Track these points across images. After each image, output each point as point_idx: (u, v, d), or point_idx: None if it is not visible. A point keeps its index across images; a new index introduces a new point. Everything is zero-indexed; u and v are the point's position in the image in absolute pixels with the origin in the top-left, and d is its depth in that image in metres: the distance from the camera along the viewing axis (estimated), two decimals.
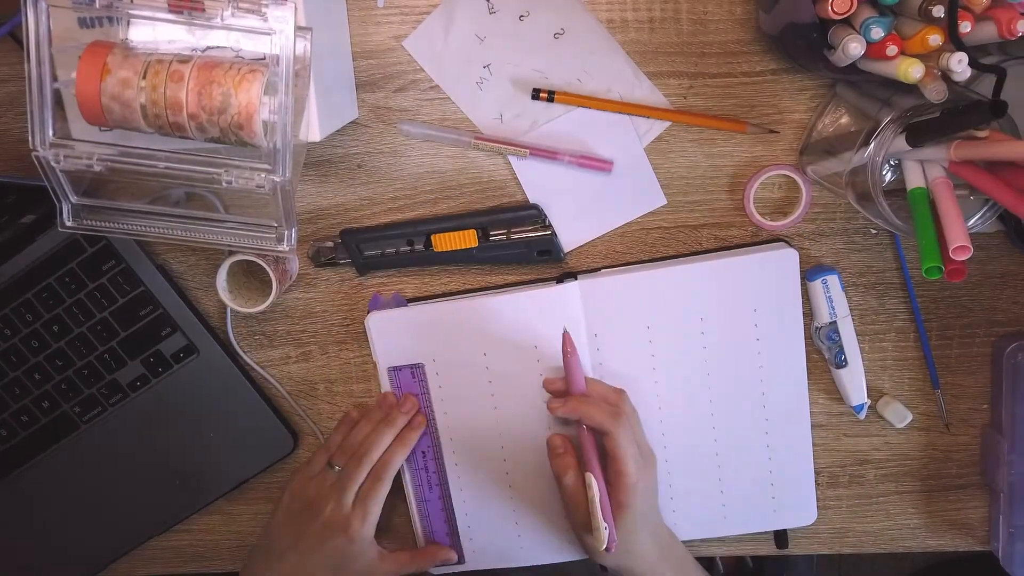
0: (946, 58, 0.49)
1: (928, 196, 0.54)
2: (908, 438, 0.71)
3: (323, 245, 0.67)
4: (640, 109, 0.64)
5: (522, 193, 0.66)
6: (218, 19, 0.50)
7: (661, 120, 0.64)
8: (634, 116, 0.64)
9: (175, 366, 0.68)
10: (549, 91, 0.63)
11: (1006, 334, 0.68)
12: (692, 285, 0.65)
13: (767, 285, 0.65)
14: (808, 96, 0.64)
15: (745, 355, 0.66)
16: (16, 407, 0.68)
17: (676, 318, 0.66)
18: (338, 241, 0.67)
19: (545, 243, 0.66)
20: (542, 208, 0.65)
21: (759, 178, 0.65)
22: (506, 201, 0.67)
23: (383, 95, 0.65)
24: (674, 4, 0.63)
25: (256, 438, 0.70)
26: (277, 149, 0.51)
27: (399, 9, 0.63)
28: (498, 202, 0.67)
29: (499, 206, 0.66)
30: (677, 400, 0.67)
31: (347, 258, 0.67)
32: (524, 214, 0.65)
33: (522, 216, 0.65)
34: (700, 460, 0.68)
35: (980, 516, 0.72)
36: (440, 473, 0.70)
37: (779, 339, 0.66)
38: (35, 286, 0.66)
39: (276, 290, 0.63)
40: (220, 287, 0.64)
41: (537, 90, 0.63)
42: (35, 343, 0.67)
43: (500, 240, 0.66)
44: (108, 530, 0.71)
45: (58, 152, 0.52)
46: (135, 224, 0.58)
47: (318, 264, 0.68)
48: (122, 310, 0.67)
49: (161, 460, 0.70)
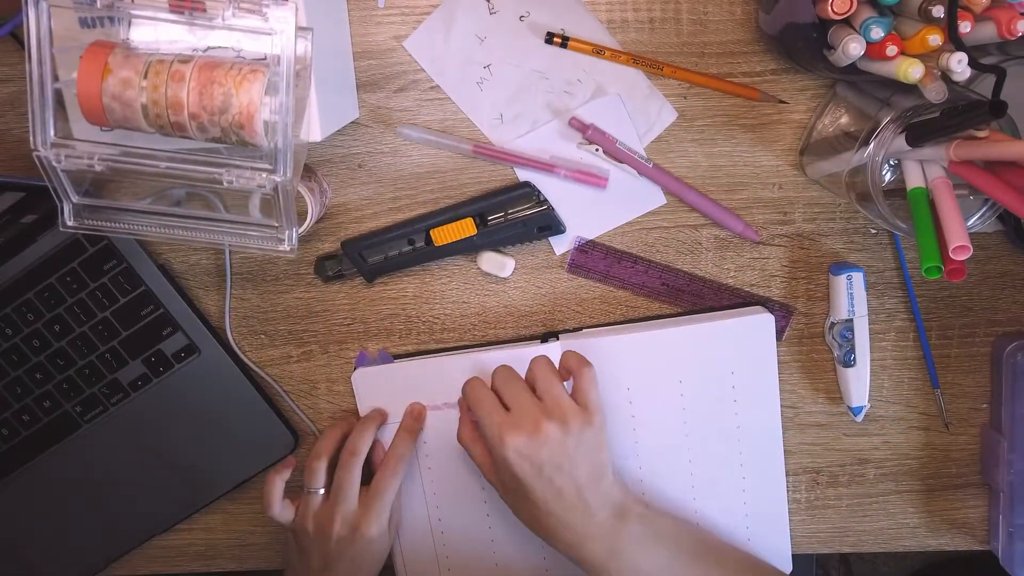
0: (946, 58, 0.49)
1: (928, 196, 0.54)
2: (908, 438, 0.71)
3: (326, 260, 0.67)
4: (652, 65, 0.63)
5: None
6: (219, 19, 0.50)
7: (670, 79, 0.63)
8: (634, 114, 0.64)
9: (176, 366, 0.68)
10: (563, 36, 0.62)
11: (1006, 334, 0.68)
12: (671, 349, 0.66)
13: (744, 349, 0.66)
14: (808, 96, 0.64)
15: (723, 417, 0.67)
16: (17, 406, 0.68)
17: (655, 381, 0.67)
18: (340, 253, 0.67)
19: (544, 219, 0.65)
20: (534, 185, 0.65)
21: None
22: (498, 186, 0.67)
23: (384, 95, 0.65)
24: (674, 4, 0.63)
25: (257, 437, 0.70)
26: (278, 149, 0.51)
27: (400, 9, 0.63)
28: None
29: (491, 191, 0.66)
30: (657, 459, 0.68)
31: (353, 268, 0.67)
32: (518, 193, 0.65)
33: (516, 196, 0.65)
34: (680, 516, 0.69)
35: (980, 515, 0.72)
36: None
37: (755, 401, 0.67)
38: (36, 286, 0.66)
39: (312, 214, 0.62)
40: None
41: (551, 34, 0.62)
42: (36, 343, 0.67)
43: (498, 223, 0.66)
44: (110, 529, 0.71)
45: (59, 152, 0.52)
46: (136, 224, 0.58)
47: (326, 279, 0.68)
48: (123, 310, 0.67)
49: (162, 459, 0.70)
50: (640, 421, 0.68)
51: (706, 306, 0.68)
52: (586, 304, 0.69)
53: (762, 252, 0.67)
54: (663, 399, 0.67)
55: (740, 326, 0.66)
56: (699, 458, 0.68)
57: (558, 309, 0.69)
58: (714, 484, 0.69)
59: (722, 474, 0.68)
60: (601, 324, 0.69)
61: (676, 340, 0.66)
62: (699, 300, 0.68)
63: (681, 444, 0.68)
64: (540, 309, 0.69)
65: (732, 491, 0.69)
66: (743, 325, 0.66)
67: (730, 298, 0.68)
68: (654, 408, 0.67)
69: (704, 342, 0.66)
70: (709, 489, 0.69)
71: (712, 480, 0.68)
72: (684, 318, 0.68)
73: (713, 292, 0.68)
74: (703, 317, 0.67)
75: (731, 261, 0.68)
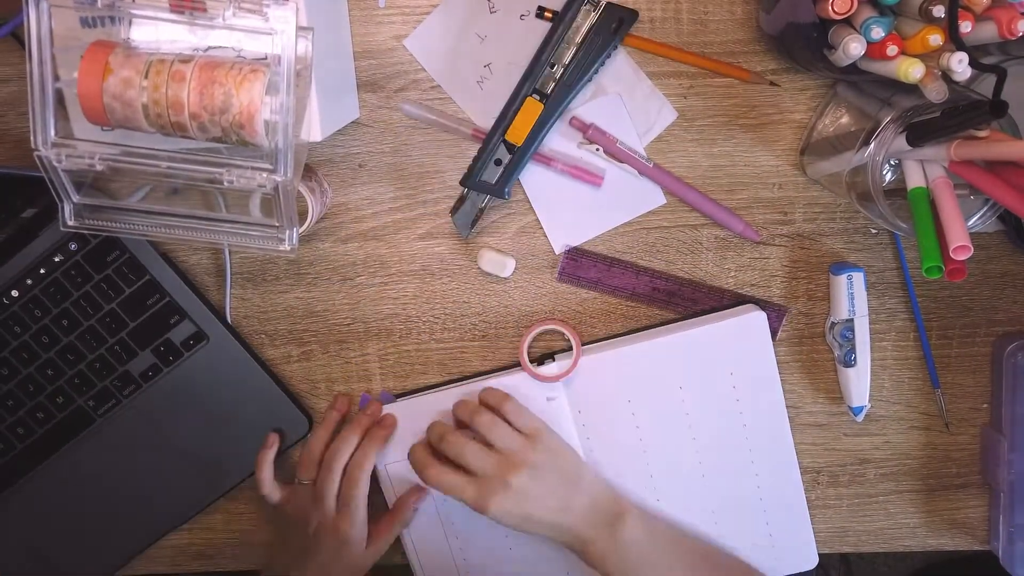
0: (946, 58, 0.49)
1: (928, 196, 0.54)
2: (908, 438, 0.71)
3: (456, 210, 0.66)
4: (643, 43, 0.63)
5: (522, 192, 0.66)
6: (220, 19, 0.50)
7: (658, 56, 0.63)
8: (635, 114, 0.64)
9: (186, 354, 0.68)
10: (554, 11, 0.62)
11: (1006, 334, 0.68)
12: (667, 358, 0.66)
13: (740, 348, 0.66)
14: (808, 96, 0.64)
15: (727, 417, 0.68)
16: (31, 404, 0.68)
17: (655, 390, 0.67)
18: (464, 194, 0.65)
19: (612, 13, 0.60)
20: None
21: (533, 331, 0.68)
22: None
23: (384, 95, 0.65)
24: (674, 4, 0.63)
25: (271, 421, 0.70)
26: (278, 149, 0.51)
27: (400, 9, 0.63)
28: None
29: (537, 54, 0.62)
30: (668, 467, 0.69)
31: (484, 198, 0.65)
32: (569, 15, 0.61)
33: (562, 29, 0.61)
34: (697, 521, 0.70)
35: (980, 515, 0.72)
36: None
37: (758, 397, 0.67)
38: (41, 282, 0.66)
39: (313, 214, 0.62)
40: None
41: (542, 8, 0.62)
42: (45, 339, 0.67)
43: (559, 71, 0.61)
44: (130, 523, 0.71)
45: (60, 152, 0.52)
46: (136, 224, 0.58)
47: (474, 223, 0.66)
48: (129, 300, 0.67)
49: (178, 449, 0.70)
50: (645, 431, 0.68)
51: (699, 309, 0.68)
52: (586, 304, 0.69)
53: (762, 252, 0.67)
54: (666, 407, 0.67)
55: (733, 326, 0.66)
56: (709, 460, 0.68)
57: (558, 309, 0.69)
58: (728, 484, 0.69)
59: (734, 473, 0.68)
60: (595, 340, 0.69)
61: (671, 348, 0.66)
62: (692, 304, 0.68)
63: (690, 448, 0.68)
64: (540, 309, 0.69)
65: (747, 488, 0.69)
66: (736, 325, 0.66)
67: (722, 299, 0.68)
68: (658, 417, 0.68)
69: (699, 346, 0.66)
70: (723, 491, 0.69)
71: (725, 480, 0.69)
72: (677, 324, 0.68)
73: (705, 294, 0.68)
74: (696, 321, 0.67)
75: (731, 261, 0.68)
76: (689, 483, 0.69)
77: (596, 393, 0.67)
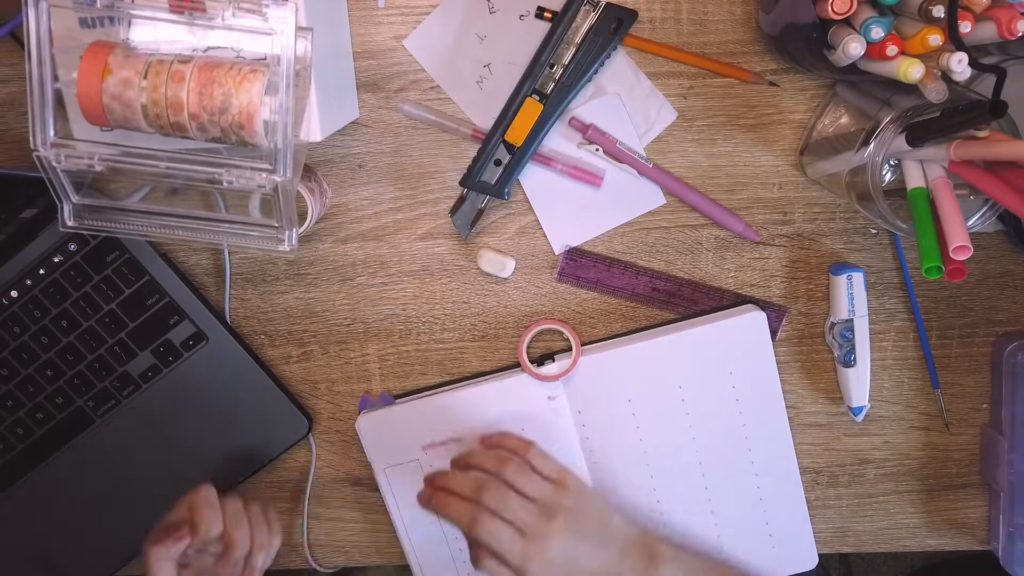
0: (946, 58, 0.49)
1: (928, 196, 0.54)
2: (908, 438, 0.71)
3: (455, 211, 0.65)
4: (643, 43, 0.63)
5: (522, 192, 0.66)
6: (219, 19, 0.50)
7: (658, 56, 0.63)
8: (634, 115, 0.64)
9: (185, 355, 0.68)
10: (554, 11, 0.62)
11: (1006, 334, 0.68)
12: (667, 357, 0.67)
13: (739, 348, 0.66)
14: (808, 96, 0.64)
15: (727, 416, 0.68)
16: (31, 404, 0.68)
17: (655, 390, 0.67)
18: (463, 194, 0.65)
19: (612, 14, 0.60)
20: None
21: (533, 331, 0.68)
22: None
23: (384, 95, 0.65)
24: (674, 4, 0.63)
25: (271, 421, 0.70)
26: (278, 149, 0.51)
27: (400, 9, 0.63)
28: None
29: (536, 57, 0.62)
30: (668, 466, 0.69)
31: (483, 199, 0.65)
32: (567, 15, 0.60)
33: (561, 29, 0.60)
34: (697, 521, 0.70)
35: (980, 515, 0.72)
36: None
37: (758, 397, 0.67)
38: (41, 282, 0.66)
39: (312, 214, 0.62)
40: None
41: (542, 8, 0.62)
42: (45, 339, 0.67)
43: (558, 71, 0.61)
44: (130, 524, 0.70)
45: (59, 152, 0.52)
46: (136, 224, 0.58)
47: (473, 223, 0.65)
48: (129, 301, 0.67)
49: (178, 450, 0.70)
50: (646, 431, 0.68)
51: (699, 309, 0.68)
52: (586, 304, 0.69)
53: (762, 252, 0.67)
54: (666, 407, 0.67)
55: (732, 326, 0.66)
56: (709, 460, 0.69)
57: (558, 309, 0.69)
58: (728, 484, 0.69)
59: (734, 473, 0.69)
60: (595, 340, 0.69)
61: (671, 348, 0.66)
62: (691, 304, 0.68)
63: (690, 447, 0.68)
64: (540, 309, 0.69)
65: (747, 488, 0.69)
66: (735, 324, 0.66)
67: (722, 299, 0.68)
68: (658, 417, 0.68)
69: (699, 346, 0.66)
70: (723, 490, 0.69)
71: (725, 480, 0.69)
72: (677, 324, 0.68)
73: (704, 294, 0.68)
74: (696, 321, 0.67)
75: (731, 261, 0.68)
76: (689, 483, 0.69)
77: (596, 393, 0.67)
